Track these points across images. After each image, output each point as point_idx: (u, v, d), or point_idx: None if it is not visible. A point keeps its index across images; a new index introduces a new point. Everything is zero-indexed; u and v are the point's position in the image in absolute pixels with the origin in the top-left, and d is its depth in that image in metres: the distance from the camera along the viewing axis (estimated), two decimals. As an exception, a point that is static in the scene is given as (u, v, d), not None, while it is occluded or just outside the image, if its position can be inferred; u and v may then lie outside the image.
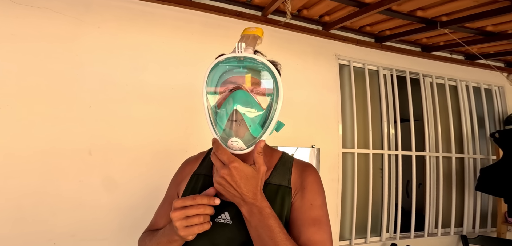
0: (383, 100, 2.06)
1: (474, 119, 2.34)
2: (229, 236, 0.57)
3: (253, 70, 0.56)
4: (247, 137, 0.52)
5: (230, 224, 0.58)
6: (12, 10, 1.22)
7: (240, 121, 0.52)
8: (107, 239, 1.32)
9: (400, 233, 2.05)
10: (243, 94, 0.53)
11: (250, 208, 0.51)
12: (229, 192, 0.51)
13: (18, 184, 1.20)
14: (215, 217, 0.58)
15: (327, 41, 1.89)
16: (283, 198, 0.59)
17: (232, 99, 0.52)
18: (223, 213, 0.58)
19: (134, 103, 1.41)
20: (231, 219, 0.58)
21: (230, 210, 0.58)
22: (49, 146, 1.25)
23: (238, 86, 0.56)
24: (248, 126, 0.52)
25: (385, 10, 1.51)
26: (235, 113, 0.52)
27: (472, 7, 1.42)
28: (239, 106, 0.51)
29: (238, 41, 0.53)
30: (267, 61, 0.53)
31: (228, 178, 0.50)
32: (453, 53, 2.30)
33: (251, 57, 0.52)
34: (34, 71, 1.25)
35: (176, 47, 1.51)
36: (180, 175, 0.70)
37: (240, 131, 0.52)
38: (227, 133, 0.53)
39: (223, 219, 0.58)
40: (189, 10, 1.54)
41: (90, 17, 1.35)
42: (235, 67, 0.56)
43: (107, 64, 1.37)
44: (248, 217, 0.52)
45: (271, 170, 0.63)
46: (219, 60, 0.54)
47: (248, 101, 0.52)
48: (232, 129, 0.52)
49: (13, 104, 1.21)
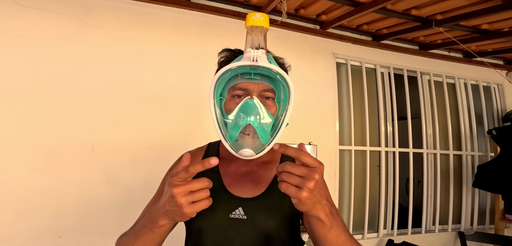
0: (381, 98, 2.09)
1: (472, 116, 2.35)
2: (243, 231, 0.56)
3: (265, 76, 0.54)
4: (257, 145, 0.52)
5: (245, 219, 0.56)
6: (19, 12, 1.27)
7: (253, 134, 0.52)
8: (109, 233, 1.37)
9: (398, 230, 2.07)
10: (255, 106, 0.51)
11: (330, 209, 0.48)
12: (316, 197, 0.44)
13: (24, 179, 1.25)
14: (229, 213, 0.57)
15: (324, 40, 1.91)
16: None
17: (245, 113, 0.51)
18: (237, 208, 0.57)
19: (134, 102, 1.45)
20: (245, 214, 0.56)
21: (244, 206, 0.57)
22: (54, 143, 1.30)
23: (249, 95, 0.54)
24: (260, 137, 0.51)
25: (380, 9, 1.53)
26: (248, 127, 0.51)
27: (465, 6, 1.44)
28: (252, 119, 0.50)
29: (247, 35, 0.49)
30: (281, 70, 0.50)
31: (321, 183, 0.45)
32: (451, 51, 2.30)
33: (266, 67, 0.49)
34: (39, 71, 1.30)
35: (175, 47, 1.55)
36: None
37: (252, 141, 0.52)
38: (239, 143, 0.52)
39: (237, 214, 0.57)
40: (187, 10, 1.58)
41: (91, 19, 1.40)
42: (246, 74, 0.53)
43: (108, 64, 1.42)
44: (326, 220, 0.47)
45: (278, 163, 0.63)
46: (231, 67, 0.49)
47: (260, 113, 0.51)
48: (244, 140, 0.52)
49: (19, 103, 1.26)
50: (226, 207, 0.57)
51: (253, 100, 0.52)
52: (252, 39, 0.49)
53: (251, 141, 0.52)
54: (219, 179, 0.60)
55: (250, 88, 0.54)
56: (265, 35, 0.49)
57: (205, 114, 1.56)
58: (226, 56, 0.60)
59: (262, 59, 0.48)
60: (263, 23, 0.48)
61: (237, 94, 0.55)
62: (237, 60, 0.50)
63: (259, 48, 0.48)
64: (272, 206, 0.57)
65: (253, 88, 0.54)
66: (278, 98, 0.57)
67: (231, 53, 0.60)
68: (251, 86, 0.54)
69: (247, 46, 0.49)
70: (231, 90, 0.56)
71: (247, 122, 0.50)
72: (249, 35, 0.49)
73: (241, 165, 0.62)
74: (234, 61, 0.53)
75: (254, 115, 0.50)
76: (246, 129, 0.52)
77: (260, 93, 0.55)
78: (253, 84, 0.54)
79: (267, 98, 0.56)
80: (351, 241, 0.50)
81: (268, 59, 0.49)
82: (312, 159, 0.44)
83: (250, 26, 0.48)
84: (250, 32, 0.49)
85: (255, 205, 0.57)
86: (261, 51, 0.48)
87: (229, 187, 0.60)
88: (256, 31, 0.49)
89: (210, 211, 0.56)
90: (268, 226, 0.56)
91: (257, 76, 0.54)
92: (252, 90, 0.54)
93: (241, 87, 0.55)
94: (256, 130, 0.51)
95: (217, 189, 0.58)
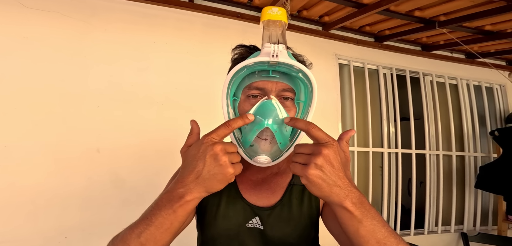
0: (383, 99, 2.09)
1: (475, 117, 2.35)
2: (261, 242, 0.53)
3: (284, 75, 0.48)
4: (274, 151, 0.48)
5: (262, 229, 0.53)
6: (25, 14, 1.28)
7: (271, 139, 0.47)
8: (115, 233, 1.38)
9: (400, 231, 2.07)
10: (274, 108, 0.45)
11: (359, 198, 0.39)
12: (330, 177, 0.38)
13: (31, 180, 1.26)
14: (246, 222, 0.53)
15: (326, 41, 1.92)
16: (311, 198, 0.56)
17: (262, 115, 0.45)
18: (254, 217, 0.54)
19: (139, 103, 1.46)
20: (262, 224, 0.53)
21: (261, 215, 0.54)
22: (60, 144, 1.31)
23: (266, 95, 0.48)
24: (278, 143, 0.46)
25: (384, 11, 1.53)
26: (265, 131, 0.46)
27: (469, 7, 1.44)
28: (270, 122, 0.45)
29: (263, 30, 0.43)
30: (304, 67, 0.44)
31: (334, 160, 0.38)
32: (454, 52, 2.30)
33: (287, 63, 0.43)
34: (45, 72, 1.31)
35: (178, 48, 1.56)
36: None
37: (269, 147, 0.47)
38: (255, 149, 0.48)
39: (254, 224, 0.53)
40: (190, 12, 1.58)
41: (96, 20, 1.41)
42: (263, 71, 0.47)
43: (113, 65, 1.42)
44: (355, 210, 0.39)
45: None
46: (247, 63, 0.43)
47: (279, 115, 0.45)
48: (261, 146, 0.47)
49: (25, 105, 1.27)
50: (242, 215, 0.54)
51: (271, 101, 0.46)
52: (269, 35, 0.43)
53: (268, 146, 0.47)
54: (235, 186, 0.57)
55: (267, 87, 0.48)
56: (283, 30, 0.44)
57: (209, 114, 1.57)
58: (241, 53, 0.55)
59: (282, 55, 0.42)
60: (281, 17, 0.42)
61: (253, 94, 0.49)
62: (254, 56, 0.44)
63: (278, 43, 0.42)
64: (289, 214, 0.54)
65: (271, 88, 0.48)
66: (298, 99, 0.51)
67: (246, 49, 0.55)
68: (269, 85, 0.48)
69: (264, 42, 0.43)
70: (246, 90, 0.50)
71: (264, 125, 0.44)
72: (266, 31, 0.43)
73: (255, 172, 0.58)
74: (250, 57, 0.47)
75: (272, 118, 0.45)
76: (263, 133, 0.46)
77: (278, 93, 0.49)
78: (271, 83, 0.48)
79: (286, 99, 0.50)
80: (394, 237, 0.39)
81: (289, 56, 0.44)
82: (323, 133, 0.39)
83: (267, 21, 0.43)
84: (267, 28, 0.43)
85: (272, 215, 0.54)
86: (282, 46, 0.42)
87: (245, 194, 0.56)
88: (273, 26, 0.43)
89: (226, 219, 0.54)
90: (286, 236, 0.53)
91: (276, 74, 0.48)
92: (270, 90, 0.48)
93: (257, 86, 0.49)
94: (274, 134, 0.45)
95: (233, 196, 0.55)
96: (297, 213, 0.54)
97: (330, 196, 0.39)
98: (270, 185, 0.57)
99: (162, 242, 0.43)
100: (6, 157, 1.23)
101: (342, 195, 0.38)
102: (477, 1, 1.34)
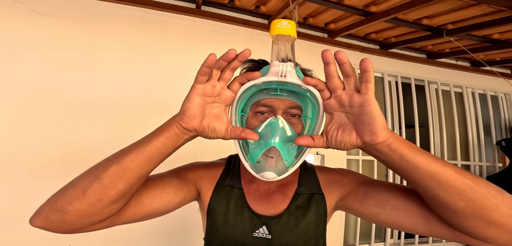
0: (388, 107, 2.08)
1: (480, 126, 2.34)
2: None
3: (292, 92, 0.49)
4: (280, 167, 0.48)
5: (269, 238, 0.54)
6: (35, 20, 1.28)
7: (277, 157, 0.48)
8: (118, 242, 1.37)
9: (405, 239, 2.05)
10: (281, 127, 0.47)
11: (395, 136, 0.39)
12: (351, 89, 0.40)
13: (37, 186, 1.26)
14: (253, 231, 0.54)
15: (332, 48, 1.91)
16: (318, 205, 0.57)
17: (269, 133, 0.46)
18: (261, 227, 0.54)
19: (146, 110, 1.46)
20: (269, 233, 0.54)
21: (269, 224, 0.54)
22: (67, 150, 1.31)
23: (274, 113, 0.50)
24: (284, 160, 0.47)
25: (391, 19, 1.53)
26: (272, 150, 0.47)
27: (478, 16, 1.43)
28: (276, 140, 0.45)
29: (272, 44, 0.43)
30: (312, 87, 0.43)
31: (371, 92, 0.38)
32: (459, 60, 2.30)
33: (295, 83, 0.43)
34: (54, 78, 1.31)
35: (186, 55, 1.56)
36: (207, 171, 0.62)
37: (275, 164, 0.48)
38: (261, 165, 0.48)
39: (261, 233, 0.54)
40: (198, 18, 1.59)
41: (105, 26, 1.41)
42: (271, 89, 0.48)
43: (121, 72, 1.42)
44: (388, 150, 0.38)
45: (297, 179, 0.60)
46: (255, 83, 0.43)
47: (286, 135, 0.47)
48: (267, 163, 0.48)
49: (33, 111, 1.27)
50: (249, 225, 0.55)
51: (278, 119, 0.47)
52: (278, 50, 0.43)
53: (274, 163, 0.48)
54: (243, 196, 0.58)
55: (275, 105, 0.50)
56: (292, 45, 0.44)
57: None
58: (249, 68, 0.57)
59: (291, 75, 0.42)
60: (290, 32, 0.42)
61: (261, 111, 0.51)
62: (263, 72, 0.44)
63: (287, 61, 0.43)
64: (296, 222, 0.55)
65: (278, 105, 0.50)
66: (305, 116, 0.51)
67: (255, 63, 0.57)
68: (276, 103, 0.50)
69: (273, 58, 0.44)
70: (254, 107, 0.51)
71: (271, 144, 0.45)
72: (275, 45, 0.44)
73: (262, 184, 0.59)
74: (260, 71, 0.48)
75: (278, 137, 0.46)
76: (269, 151, 0.48)
77: (285, 110, 0.50)
78: (279, 101, 0.50)
79: (292, 116, 0.51)
80: (452, 166, 0.39)
81: (297, 74, 0.44)
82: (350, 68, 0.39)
83: (276, 35, 0.43)
84: (276, 42, 0.44)
85: (279, 224, 0.55)
86: (290, 65, 0.42)
87: (251, 205, 0.57)
88: (282, 40, 0.43)
89: (233, 229, 0.55)
90: (293, 243, 0.54)
91: (284, 92, 0.49)
92: (278, 107, 0.50)
93: (265, 103, 0.50)
94: (280, 153, 0.46)
95: (241, 206, 0.57)
96: (304, 220, 0.55)
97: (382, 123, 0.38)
98: (277, 195, 0.58)
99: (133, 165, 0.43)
100: (14, 164, 1.23)
101: (374, 115, 0.38)
102: (486, 10, 1.33)
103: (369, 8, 1.47)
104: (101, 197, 0.41)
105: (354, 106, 0.39)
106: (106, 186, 0.41)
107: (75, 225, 0.43)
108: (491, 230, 0.38)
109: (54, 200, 0.43)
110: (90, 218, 0.43)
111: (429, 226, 0.45)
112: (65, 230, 0.44)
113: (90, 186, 0.41)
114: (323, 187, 0.59)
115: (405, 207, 0.48)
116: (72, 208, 0.41)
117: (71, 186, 0.43)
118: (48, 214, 0.43)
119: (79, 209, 0.41)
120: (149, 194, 0.51)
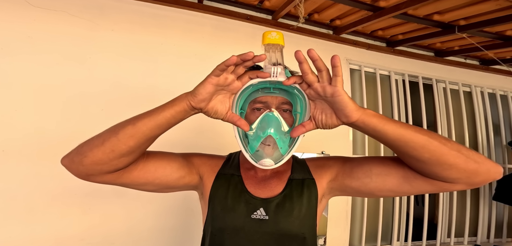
0: (395, 106, 2.02)
1: (489, 126, 2.27)
2: (266, 231, 0.59)
3: (283, 90, 0.58)
4: (276, 155, 0.56)
5: (267, 219, 0.59)
6: (30, 13, 1.23)
7: (273, 145, 0.56)
8: (114, 244, 1.32)
9: (412, 242, 1.99)
10: (275, 119, 0.55)
11: (363, 111, 0.48)
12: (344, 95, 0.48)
13: (31, 186, 1.21)
14: (251, 213, 0.60)
15: (337, 45, 1.86)
16: (310, 189, 0.64)
17: (266, 124, 0.55)
18: (258, 209, 0.60)
19: (145, 106, 1.40)
20: (266, 214, 0.60)
21: (265, 206, 0.60)
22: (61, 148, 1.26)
23: (268, 108, 0.58)
24: (280, 148, 0.55)
25: (400, 14, 1.47)
26: (268, 138, 0.56)
27: (492, 11, 1.37)
28: (272, 131, 0.54)
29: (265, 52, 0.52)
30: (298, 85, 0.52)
31: (339, 84, 0.46)
32: (468, 58, 2.24)
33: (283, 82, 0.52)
34: (50, 73, 1.26)
35: (187, 50, 1.51)
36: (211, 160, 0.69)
37: (272, 152, 0.56)
38: (260, 154, 0.56)
39: (259, 215, 0.60)
40: (200, 13, 1.54)
41: (103, 20, 1.36)
42: (265, 88, 0.57)
43: (119, 67, 1.38)
44: (363, 125, 0.48)
45: (290, 168, 0.67)
46: (252, 83, 0.52)
47: (280, 125, 0.55)
48: (265, 151, 0.56)
49: (28, 106, 1.23)
50: (247, 208, 0.60)
51: (273, 113, 0.56)
52: (270, 56, 0.52)
53: (271, 151, 0.56)
54: (241, 182, 0.65)
55: (269, 101, 0.59)
56: (281, 51, 0.53)
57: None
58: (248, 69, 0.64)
59: (281, 76, 0.51)
60: (279, 41, 0.51)
61: (257, 107, 0.59)
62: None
63: (277, 64, 0.51)
64: (291, 205, 0.61)
65: (272, 102, 0.58)
66: (295, 111, 0.60)
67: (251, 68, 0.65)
68: (270, 99, 0.59)
69: (266, 63, 0.53)
70: (251, 104, 0.60)
71: (268, 134, 0.54)
72: (266, 52, 0.52)
73: (259, 171, 0.67)
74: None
75: (274, 127, 0.54)
76: (266, 140, 0.56)
77: (278, 106, 0.59)
78: (272, 98, 0.59)
79: (284, 111, 0.59)
80: (413, 127, 0.49)
81: (285, 75, 0.52)
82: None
83: (267, 44, 0.52)
84: (267, 49, 0.52)
85: (276, 205, 0.61)
86: (280, 67, 0.51)
87: (250, 189, 0.63)
88: (273, 48, 0.52)
89: (232, 212, 0.60)
90: (289, 224, 0.59)
91: (276, 90, 0.58)
92: (271, 103, 0.58)
93: (261, 100, 0.59)
94: (276, 141, 0.55)
95: (239, 191, 0.63)
96: (298, 203, 0.62)
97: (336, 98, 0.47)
98: (273, 180, 0.65)
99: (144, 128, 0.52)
100: (5, 161, 1.18)
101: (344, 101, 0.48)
102: (503, 4, 1.27)
103: (378, 3, 1.41)
104: (113, 148, 0.50)
105: (327, 97, 0.48)
106: (120, 139, 0.50)
107: (88, 170, 0.52)
108: (453, 171, 0.48)
109: (81, 145, 0.52)
110: (101, 166, 0.51)
111: (410, 183, 0.55)
112: (81, 173, 0.52)
113: (109, 139, 0.50)
114: (313, 172, 0.66)
115: (386, 171, 0.57)
116: (91, 153, 0.50)
117: (96, 137, 0.52)
118: (74, 156, 0.52)
119: (95, 155, 0.50)
120: (156, 163, 0.60)
